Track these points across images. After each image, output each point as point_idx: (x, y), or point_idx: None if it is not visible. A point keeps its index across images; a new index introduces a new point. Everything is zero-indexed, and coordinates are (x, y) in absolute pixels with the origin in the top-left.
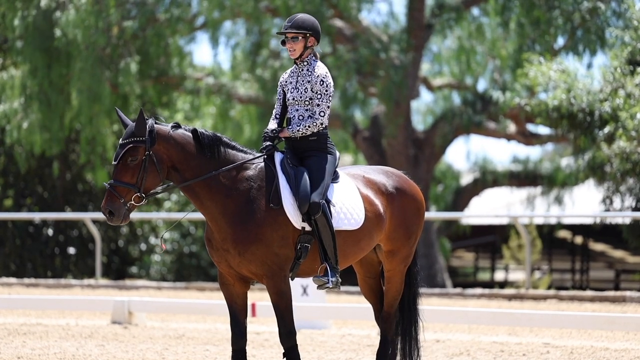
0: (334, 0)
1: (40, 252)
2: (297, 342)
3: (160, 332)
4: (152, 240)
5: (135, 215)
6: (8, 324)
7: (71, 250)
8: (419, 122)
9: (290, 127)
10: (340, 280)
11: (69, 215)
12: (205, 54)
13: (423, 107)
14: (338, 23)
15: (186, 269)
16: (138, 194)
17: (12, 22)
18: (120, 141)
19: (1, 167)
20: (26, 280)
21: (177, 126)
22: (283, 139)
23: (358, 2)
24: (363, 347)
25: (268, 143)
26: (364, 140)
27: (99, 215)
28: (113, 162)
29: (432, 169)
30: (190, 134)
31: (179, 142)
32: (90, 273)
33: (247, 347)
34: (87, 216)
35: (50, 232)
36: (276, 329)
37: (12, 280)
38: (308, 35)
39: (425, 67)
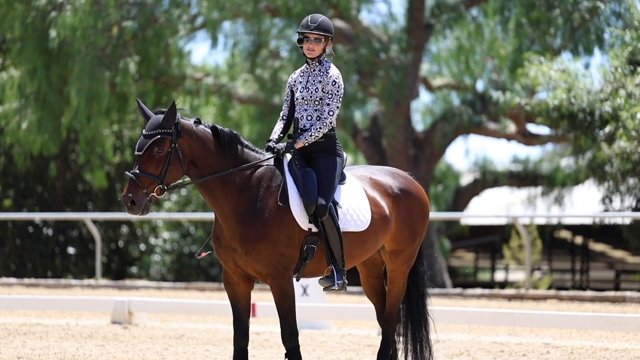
0: (334, 0)
1: (40, 252)
2: (299, 343)
3: (160, 332)
4: (152, 240)
5: (135, 216)
6: (8, 324)
7: (71, 250)
8: (419, 122)
9: (301, 136)
10: (346, 282)
11: (69, 215)
12: (205, 54)
13: (423, 107)
14: (338, 23)
15: (186, 269)
16: (160, 185)
17: (11, 23)
18: (145, 132)
19: (1, 168)
20: (26, 280)
21: (198, 122)
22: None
23: (358, 2)
24: (363, 347)
25: (281, 145)
26: (364, 140)
27: (99, 215)
28: (136, 152)
29: (432, 169)
30: (210, 131)
31: (201, 137)
32: (90, 273)
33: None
34: (87, 216)
35: (50, 232)
36: (276, 329)
37: (12, 280)
38: (330, 38)
39: (424, 67)
